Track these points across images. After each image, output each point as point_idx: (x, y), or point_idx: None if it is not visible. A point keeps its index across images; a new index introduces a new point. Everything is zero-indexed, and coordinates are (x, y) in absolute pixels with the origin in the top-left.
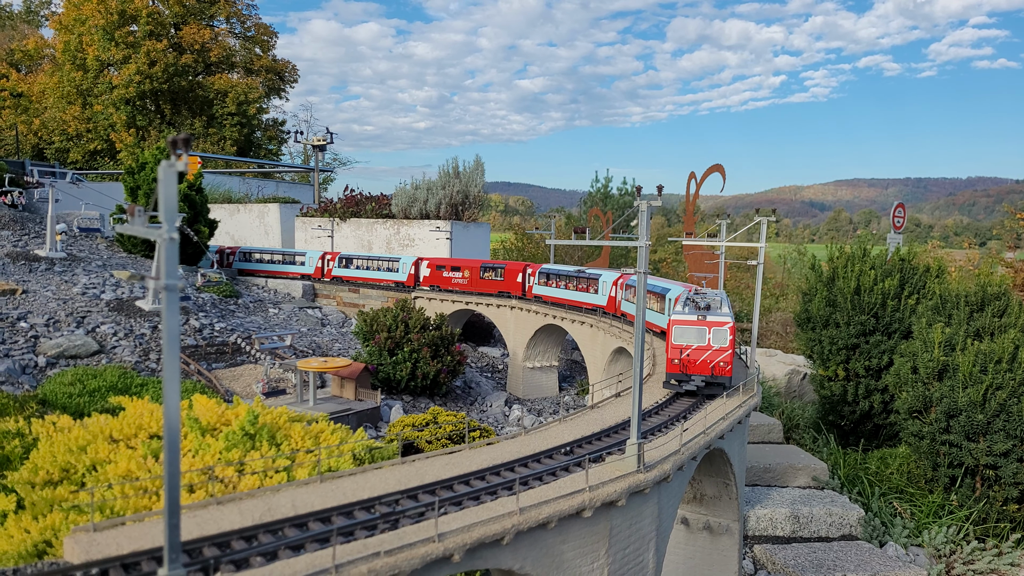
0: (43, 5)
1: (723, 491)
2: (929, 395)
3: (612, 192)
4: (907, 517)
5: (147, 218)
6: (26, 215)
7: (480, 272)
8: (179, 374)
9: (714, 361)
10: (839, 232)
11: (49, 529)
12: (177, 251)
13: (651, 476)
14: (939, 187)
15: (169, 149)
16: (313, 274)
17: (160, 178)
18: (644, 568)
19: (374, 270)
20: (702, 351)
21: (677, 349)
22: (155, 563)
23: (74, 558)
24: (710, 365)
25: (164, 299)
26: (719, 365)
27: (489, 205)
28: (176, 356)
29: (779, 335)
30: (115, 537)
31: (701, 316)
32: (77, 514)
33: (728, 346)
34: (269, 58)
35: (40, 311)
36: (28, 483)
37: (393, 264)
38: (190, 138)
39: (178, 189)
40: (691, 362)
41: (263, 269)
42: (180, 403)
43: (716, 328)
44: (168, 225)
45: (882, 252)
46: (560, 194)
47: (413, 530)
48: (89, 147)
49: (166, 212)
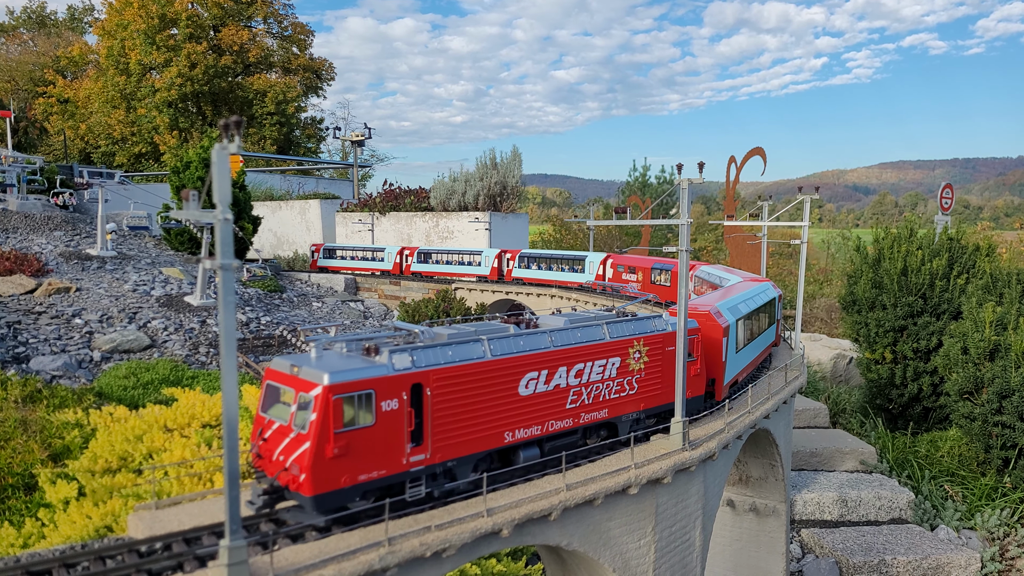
0: (86, 12)
1: (769, 472)
2: (980, 376)
3: (650, 181)
4: (959, 500)
5: (201, 203)
6: (77, 216)
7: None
8: (236, 347)
9: (288, 457)
10: (884, 216)
11: (109, 515)
12: (232, 232)
13: (697, 454)
14: (989, 167)
15: (221, 132)
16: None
17: (213, 160)
18: (691, 546)
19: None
20: (281, 435)
21: (258, 425)
22: (215, 537)
23: (138, 534)
24: (282, 463)
25: (220, 278)
26: (292, 470)
27: (526, 197)
28: (233, 332)
29: (823, 321)
30: (176, 514)
31: (297, 368)
32: (136, 500)
33: (313, 435)
34: (306, 57)
35: (94, 308)
36: (88, 471)
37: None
38: (241, 121)
39: None
40: (264, 451)
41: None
42: (236, 376)
43: (302, 396)
44: (223, 206)
45: (929, 232)
46: (597, 184)
47: (462, 506)
48: (134, 150)
49: (220, 194)
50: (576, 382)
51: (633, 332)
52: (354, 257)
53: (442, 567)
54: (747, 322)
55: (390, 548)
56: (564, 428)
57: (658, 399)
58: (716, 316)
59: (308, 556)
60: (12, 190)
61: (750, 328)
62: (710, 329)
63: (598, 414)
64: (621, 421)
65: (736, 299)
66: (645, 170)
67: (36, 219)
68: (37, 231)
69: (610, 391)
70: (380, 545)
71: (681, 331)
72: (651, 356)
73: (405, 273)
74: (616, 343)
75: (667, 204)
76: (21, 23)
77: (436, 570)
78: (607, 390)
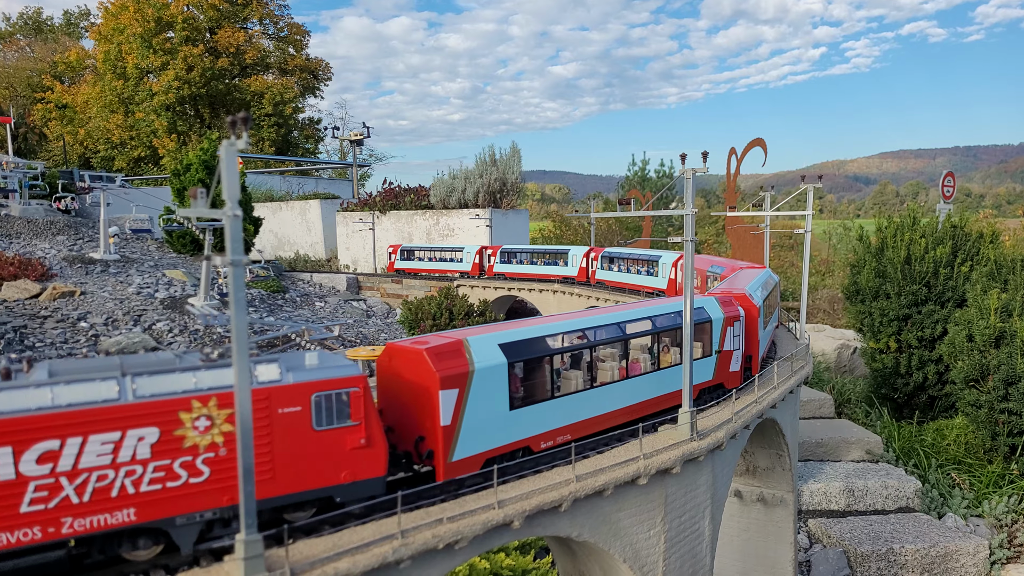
0: (83, 16)
1: (776, 462)
2: (986, 363)
3: (649, 175)
4: (966, 488)
5: (208, 201)
6: (79, 220)
7: None
8: (247, 340)
9: None
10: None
11: None
12: (241, 228)
13: (705, 444)
14: (990, 155)
15: (228, 128)
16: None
17: (221, 156)
18: (700, 536)
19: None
20: None
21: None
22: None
23: None
24: None
25: (231, 274)
26: None
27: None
28: (244, 329)
29: (826, 312)
30: None
31: None
32: None
33: None
34: (303, 57)
35: (99, 311)
36: None
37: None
38: (249, 116)
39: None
40: None
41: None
42: (248, 371)
43: None
44: (231, 203)
45: (932, 220)
46: (596, 180)
47: (473, 498)
48: (133, 154)
49: (229, 190)
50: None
51: (197, 389)
52: (432, 258)
53: (454, 559)
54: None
55: (403, 541)
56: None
57: (280, 486)
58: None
59: (322, 549)
60: (14, 195)
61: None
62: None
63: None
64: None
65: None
66: (644, 164)
67: (39, 224)
68: (40, 236)
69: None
70: (393, 538)
71: (687, 320)
72: (257, 423)
73: (488, 274)
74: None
75: (666, 198)
76: (18, 29)
77: (449, 562)
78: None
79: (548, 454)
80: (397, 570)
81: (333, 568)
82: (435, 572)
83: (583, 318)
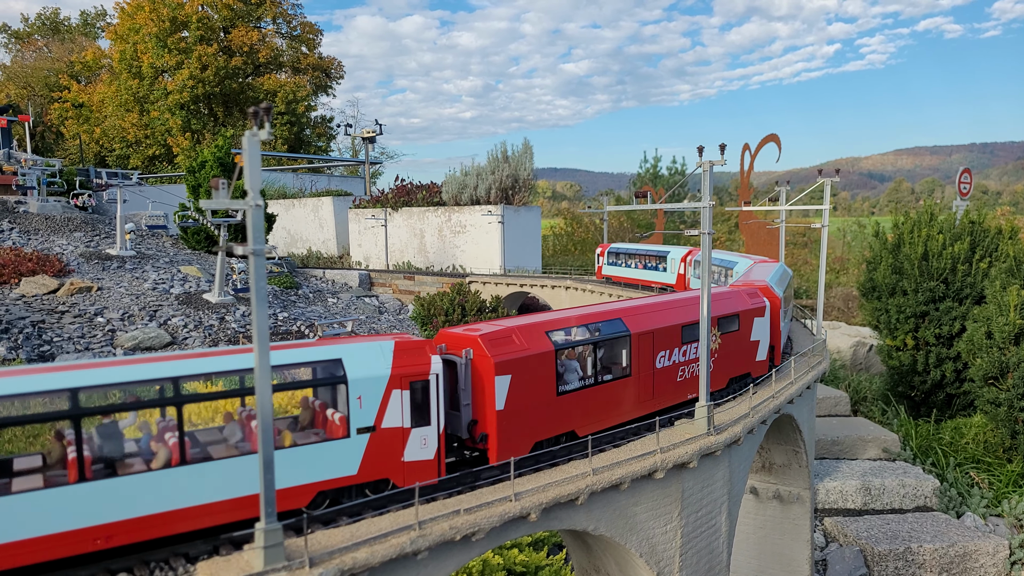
0: (99, 17)
1: (793, 459)
2: (1006, 360)
3: (661, 172)
4: (985, 487)
5: (228, 193)
6: (96, 217)
7: None
8: (268, 328)
9: None
10: (900, 203)
11: None
12: (263, 217)
13: (722, 438)
14: (1007, 151)
15: (251, 120)
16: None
17: (244, 147)
18: (717, 532)
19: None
20: None
21: None
22: None
23: None
24: None
25: (252, 264)
26: None
27: (537, 191)
28: (265, 320)
29: (841, 310)
30: None
31: None
32: None
33: None
34: (315, 56)
35: (115, 306)
36: None
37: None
38: (271, 107)
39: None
40: None
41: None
42: (269, 358)
43: None
44: (254, 192)
45: (949, 217)
46: (608, 177)
47: (490, 491)
48: (148, 152)
49: (251, 180)
50: None
51: None
52: (636, 264)
53: (471, 551)
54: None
55: (420, 532)
56: None
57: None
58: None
59: (341, 539)
60: (33, 193)
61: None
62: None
63: None
64: None
65: (774, 275)
66: (656, 161)
67: (56, 221)
68: (58, 232)
69: None
70: (411, 528)
71: (704, 316)
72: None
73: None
74: None
75: (678, 195)
76: (36, 30)
77: (465, 554)
78: None
79: (566, 447)
80: (414, 561)
81: (351, 558)
82: (452, 564)
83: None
